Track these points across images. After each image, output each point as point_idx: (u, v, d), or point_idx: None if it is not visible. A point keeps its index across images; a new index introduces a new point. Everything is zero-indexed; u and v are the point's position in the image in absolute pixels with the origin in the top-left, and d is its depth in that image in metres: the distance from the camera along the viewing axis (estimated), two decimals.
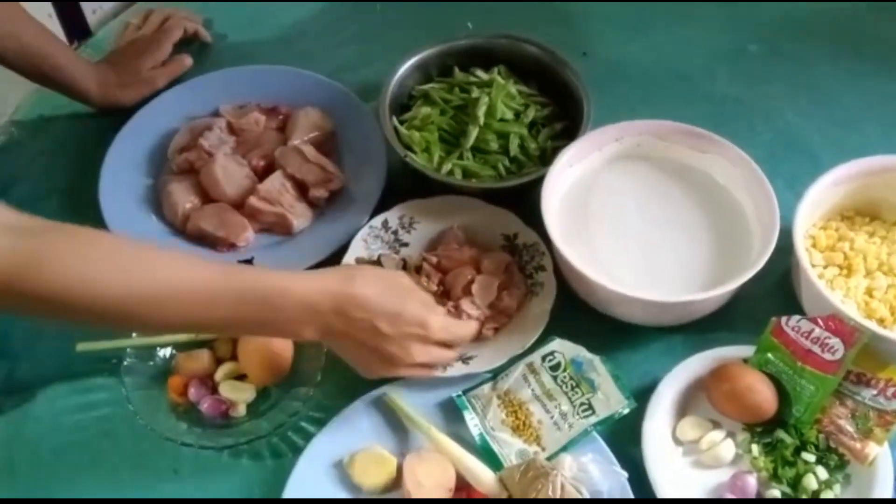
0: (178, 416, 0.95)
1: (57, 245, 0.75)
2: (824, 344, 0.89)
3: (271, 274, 0.85)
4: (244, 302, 0.81)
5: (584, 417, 0.92)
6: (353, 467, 0.91)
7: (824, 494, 0.88)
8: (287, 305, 0.83)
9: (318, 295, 0.83)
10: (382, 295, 0.86)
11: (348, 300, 0.84)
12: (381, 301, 0.86)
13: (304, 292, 0.83)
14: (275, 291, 0.82)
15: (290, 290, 0.83)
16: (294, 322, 0.84)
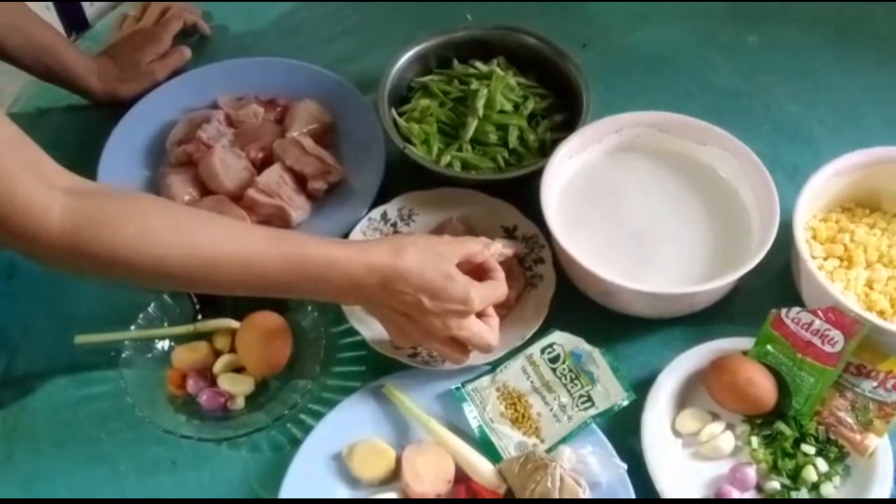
0: (176, 408, 0.95)
1: (122, 207, 0.80)
2: (824, 336, 0.89)
3: (320, 244, 0.85)
4: (292, 271, 0.83)
5: (584, 409, 0.92)
6: (352, 459, 0.91)
7: (824, 486, 0.88)
8: (334, 278, 0.83)
9: (364, 269, 0.84)
10: (428, 270, 0.85)
11: (394, 275, 0.84)
12: (427, 277, 0.85)
13: (350, 266, 0.83)
14: (322, 263, 0.83)
15: (338, 262, 0.83)
16: (339, 291, 0.85)
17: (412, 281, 0.84)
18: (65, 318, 1.03)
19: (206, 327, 0.99)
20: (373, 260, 0.84)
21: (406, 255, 0.85)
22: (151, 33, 1.27)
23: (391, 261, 0.84)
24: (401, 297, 0.85)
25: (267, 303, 0.99)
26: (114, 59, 1.23)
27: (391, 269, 0.84)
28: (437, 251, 0.87)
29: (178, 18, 1.29)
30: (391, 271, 0.84)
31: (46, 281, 1.07)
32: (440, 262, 0.86)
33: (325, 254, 0.84)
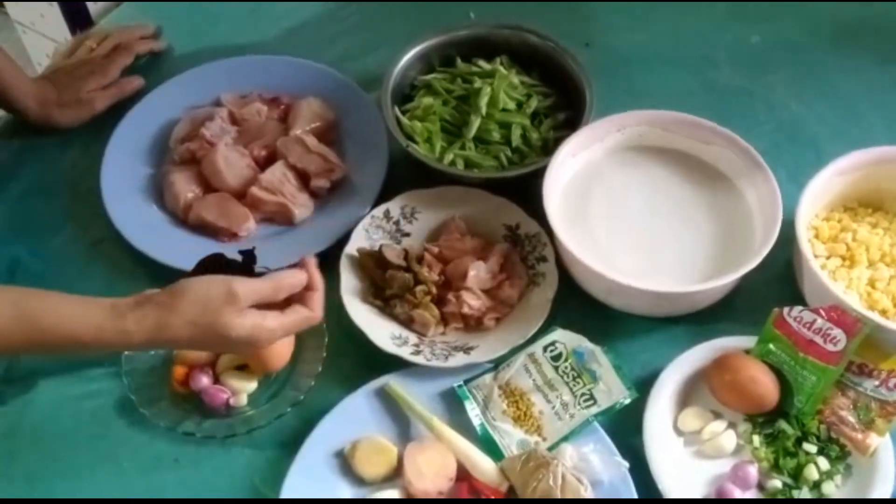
0: (179, 405, 0.95)
1: None
2: (826, 335, 0.89)
3: (69, 318, 0.83)
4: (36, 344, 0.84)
5: (586, 408, 0.92)
6: (355, 456, 0.91)
7: (825, 485, 0.88)
8: (90, 346, 0.84)
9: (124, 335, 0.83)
10: (197, 329, 0.83)
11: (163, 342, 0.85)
12: (198, 337, 0.83)
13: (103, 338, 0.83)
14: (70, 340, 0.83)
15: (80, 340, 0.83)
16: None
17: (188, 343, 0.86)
18: None
19: None
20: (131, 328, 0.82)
21: (172, 328, 0.83)
22: (98, 64, 1.22)
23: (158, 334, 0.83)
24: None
25: None
26: (54, 84, 1.19)
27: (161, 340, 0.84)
28: (212, 316, 0.83)
29: (128, 52, 1.25)
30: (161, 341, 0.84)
31: (50, 278, 1.07)
32: (215, 328, 0.83)
33: (69, 335, 0.82)
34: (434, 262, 1.02)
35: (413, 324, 1.00)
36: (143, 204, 1.11)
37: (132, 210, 1.09)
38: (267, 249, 1.02)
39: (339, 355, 0.98)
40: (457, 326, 1.01)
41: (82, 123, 1.19)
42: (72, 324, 0.82)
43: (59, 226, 1.12)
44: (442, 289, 1.01)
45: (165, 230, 1.08)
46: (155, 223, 1.09)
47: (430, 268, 1.02)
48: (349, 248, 1.03)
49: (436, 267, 1.02)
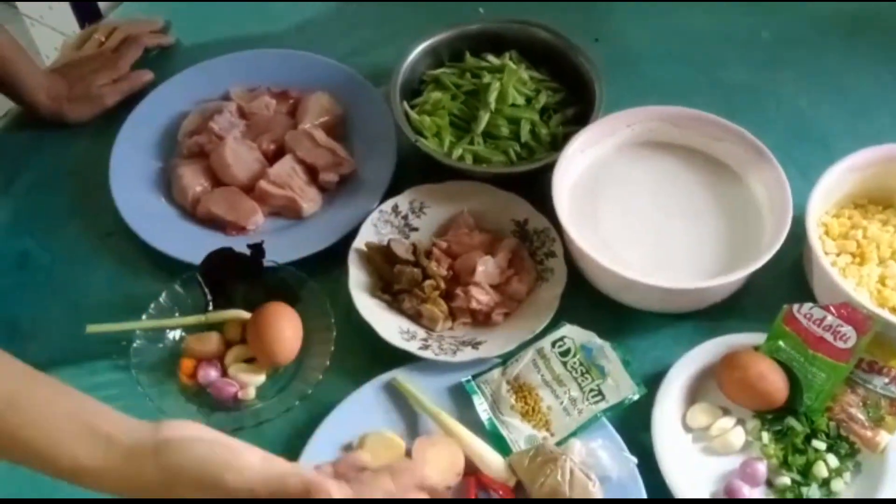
0: (187, 398, 0.95)
1: None
2: (836, 332, 0.89)
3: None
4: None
5: (594, 403, 0.92)
6: (363, 450, 0.90)
7: (834, 482, 0.87)
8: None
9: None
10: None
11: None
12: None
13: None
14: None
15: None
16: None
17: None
18: (76, 307, 1.03)
19: (218, 318, 0.99)
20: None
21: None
22: (108, 58, 1.22)
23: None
24: None
25: (278, 294, 0.99)
26: (65, 78, 1.19)
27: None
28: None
29: (137, 46, 1.25)
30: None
31: (58, 271, 1.07)
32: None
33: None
34: (442, 257, 1.02)
35: (421, 318, 1.00)
36: (151, 197, 1.11)
37: (141, 203, 1.09)
38: (275, 243, 1.02)
39: (347, 349, 0.98)
40: (465, 321, 1.00)
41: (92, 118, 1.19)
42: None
43: (68, 219, 1.12)
44: (450, 284, 1.01)
45: (174, 223, 1.08)
46: (163, 216, 1.09)
47: (438, 262, 1.01)
48: (357, 243, 1.03)
49: (444, 262, 1.02)
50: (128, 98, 1.20)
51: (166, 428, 0.69)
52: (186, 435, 0.68)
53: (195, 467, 0.65)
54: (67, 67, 1.22)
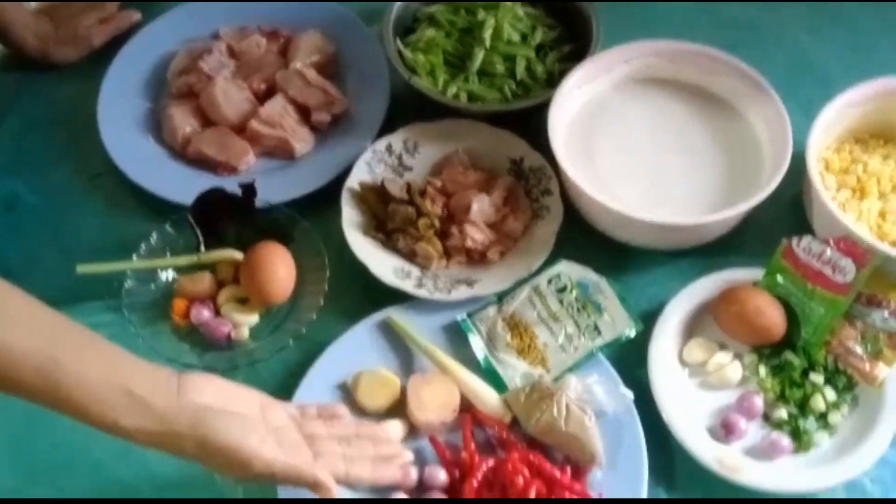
0: (180, 337, 0.94)
1: None
2: (835, 265, 0.88)
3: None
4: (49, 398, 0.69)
5: (590, 339, 0.91)
6: (357, 388, 0.90)
7: (832, 415, 0.87)
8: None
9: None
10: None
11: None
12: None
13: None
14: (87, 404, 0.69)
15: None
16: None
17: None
18: (66, 248, 1.02)
19: (210, 258, 0.98)
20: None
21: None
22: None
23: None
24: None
25: (270, 234, 0.98)
26: (52, 19, 1.17)
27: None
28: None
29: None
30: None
31: (47, 213, 1.06)
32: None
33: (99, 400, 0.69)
34: (437, 196, 1.01)
35: (416, 257, 0.99)
36: (141, 138, 1.09)
37: (130, 144, 1.08)
38: (267, 184, 1.01)
39: (341, 289, 0.97)
40: (460, 260, 0.99)
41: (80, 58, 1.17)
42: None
43: (57, 161, 1.10)
44: (445, 222, 1.00)
45: (164, 164, 1.07)
46: (153, 157, 1.07)
47: (432, 201, 1.00)
48: (350, 182, 1.01)
49: (439, 200, 1.01)
50: (115, 38, 1.18)
51: (191, 388, 0.73)
52: (212, 404, 0.72)
53: (229, 452, 0.70)
54: (54, 8, 1.20)
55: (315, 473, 0.73)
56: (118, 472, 0.89)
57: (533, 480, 0.83)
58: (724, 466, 0.84)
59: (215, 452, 0.70)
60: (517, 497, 0.83)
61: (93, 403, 0.68)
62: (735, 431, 0.87)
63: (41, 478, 0.89)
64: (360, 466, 0.78)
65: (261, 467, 0.71)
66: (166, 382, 0.72)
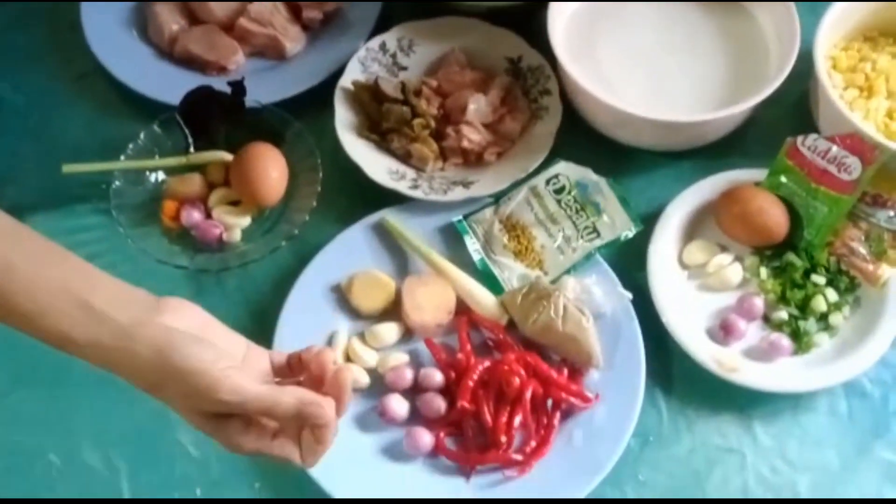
0: (170, 240, 0.93)
1: None
2: (841, 163, 0.86)
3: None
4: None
5: (589, 241, 0.90)
6: (352, 290, 0.89)
7: (833, 316, 0.86)
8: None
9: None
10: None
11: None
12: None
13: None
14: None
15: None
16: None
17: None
18: (52, 150, 0.99)
19: (199, 159, 0.96)
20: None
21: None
22: None
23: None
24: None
25: (261, 135, 0.95)
26: None
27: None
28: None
29: None
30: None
31: (32, 113, 1.03)
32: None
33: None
34: (432, 96, 0.98)
35: (411, 159, 0.96)
36: (126, 36, 1.05)
37: (116, 43, 1.04)
38: (258, 84, 0.98)
39: (335, 191, 0.96)
40: (456, 162, 0.97)
41: None
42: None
43: (41, 60, 1.07)
44: (441, 123, 0.97)
45: (150, 63, 1.03)
46: (140, 56, 1.04)
47: (428, 101, 0.97)
48: (343, 81, 0.98)
49: (434, 101, 0.98)
50: None
51: (168, 311, 0.64)
52: (186, 330, 0.63)
53: (193, 377, 0.61)
54: None
55: (297, 393, 0.62)
56: (112, 374, 0.88)
57: (529, 381, 0.83)
58: (723, 367, 0.83)
59: (175, 377, 0.61)
60: (513, 397, 0.82)
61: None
62: (734, 332, 0.86)
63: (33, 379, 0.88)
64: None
65: (228, 393, 0.60)
66: (141, 301, 0.64)
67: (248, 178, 0.92)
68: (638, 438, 0.83)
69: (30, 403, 0.87)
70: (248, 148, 0.93)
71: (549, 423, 0.83)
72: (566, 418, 0.83)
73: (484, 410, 0.82)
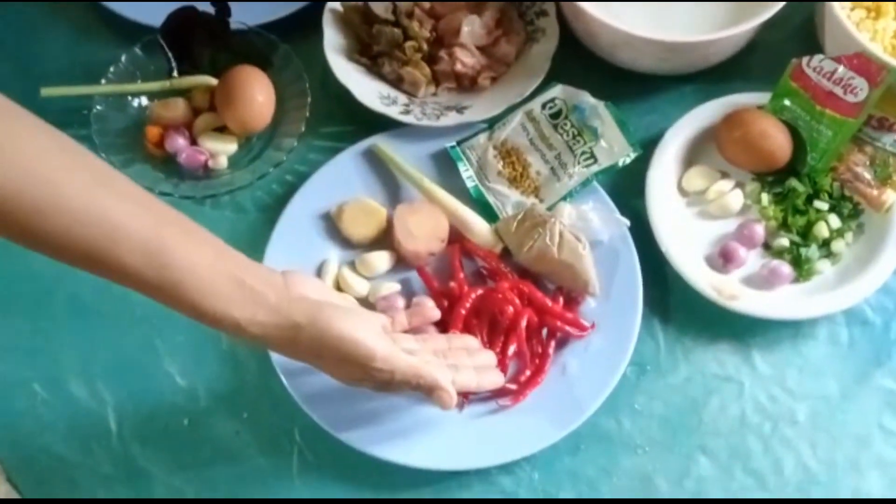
0: (154, 166, 0.90)
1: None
2: (847, 85, 0.83)
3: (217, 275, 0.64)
4: (152, 278, 0.62)
5: (586, 166, 0.87)
6: (342, 218, 0.86)
7: (835, 243, 0.84)
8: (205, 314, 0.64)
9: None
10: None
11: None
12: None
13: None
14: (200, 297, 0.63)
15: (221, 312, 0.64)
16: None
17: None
18: (30, 75, 0.96)
19: (183, 83, 0.92)
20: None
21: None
22: None
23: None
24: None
25: (247, 58, 0.92)
26: None
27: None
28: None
29: None
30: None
31: (8, 37, 0.99)
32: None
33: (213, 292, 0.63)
34: (425, 18, 0.94)
35: (402, 83, 0.93)
36: None
37: None
38: (243, 5, 0.95)
39: (324, 116, 0.93)
40: (449, 86, 0.94)
41: None
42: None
43: None
44: (433, 46, 0.94)
45: None
46: None
47: (420, 23, 0.94)
48: (332, 3, 0.95)
49: (427, 22, 0.94)
50: None
51: (296, 283, 0.68)
52: (328, 302, 0.68)
53: (350, 345, 0.66)
54: None
55: (434, 374, 0.69)
56: (97, 305, 0.86)
57: (524, 309, 0.81)
58: (722, 295, 0.82)
59: (335, 345, 0.66)
60: (507, 326, 0.80)
61: (203, 290, 0.62)
62: (734, 260, 0.84)
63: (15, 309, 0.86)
64: (466, 375, 0.74)
65: (381, 362, 0.67)
66: (270, 275, 0.67)
67: (233, 103, 0.89)
68: (634, 367, 0.82)
69: (11, 334, 0.85)
70: (234, 72, 0.90)
71: (543, 353, 0.81)
72: (561, 347, 0.81)
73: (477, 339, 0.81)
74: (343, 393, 0.79)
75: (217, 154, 0.91)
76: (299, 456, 0.79)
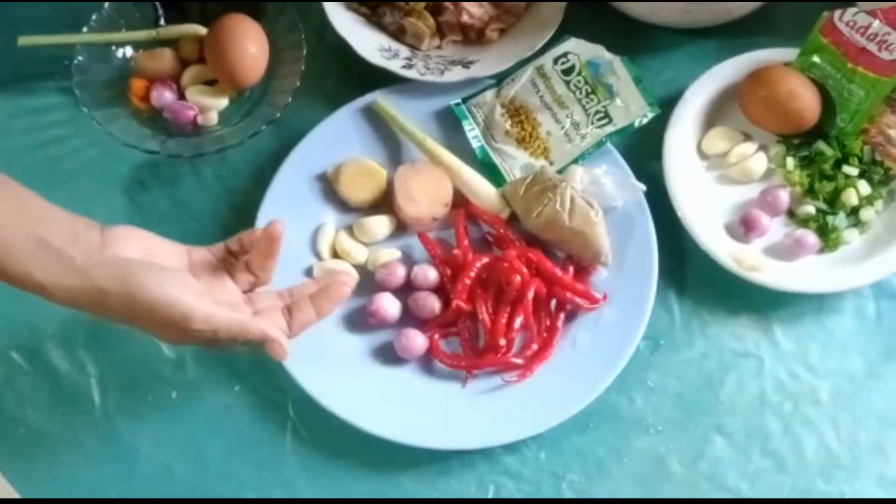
0: (140, 122, 0.85)
1: None
2: (882, 41, 0.78)
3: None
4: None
5: (599, 127, 0.82)
6: (339, 179, 0.82)
7: (864, 211, 0.80)
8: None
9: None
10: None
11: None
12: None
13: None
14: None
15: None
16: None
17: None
18: (8, 22, 0.90)
19: (171, 33, 0.87)
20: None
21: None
22: None
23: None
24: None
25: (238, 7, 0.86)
26: None
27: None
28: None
29: None
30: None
31: None
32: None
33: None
34: None
35: (404, 35, 0.88)
36: None
37: None
38: None
39: (321, 70, 0.88)
40: (455, 39, 0.89)
41: None
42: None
43: None
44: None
45: None
46: None
47: None
48: None
49: None
50: None
51: (114, 241, 0.63)
52: (142, 261, 0.63)
53: (165, 308, 0.62)
54: None
55: (261, 327, 0.66)
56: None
57: (532, 279, 0.77)
58: (742, 265, 0.77)
59: (148, 309, 0.61)
60: (514, 297, 0.76)
61: (6, 257, 0.59)
62: (756, 228, 0.79)
63: None
64: (303, 311, 0.69)
65: (201, 322, 0.63)
66: (86, 233, 0.62)
67: (224, 55, 0.84)
68: (648, 342, 0.78)
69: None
70: (225, 21, 0.85)
71: (552, 325, 0.77)
72: (571, 320, 0.77)
73: (482, 311, 0.76)
74: (341, 366, 0.76)
75: (206, 109, 0.86)
76: (293, 432, 0.76)
